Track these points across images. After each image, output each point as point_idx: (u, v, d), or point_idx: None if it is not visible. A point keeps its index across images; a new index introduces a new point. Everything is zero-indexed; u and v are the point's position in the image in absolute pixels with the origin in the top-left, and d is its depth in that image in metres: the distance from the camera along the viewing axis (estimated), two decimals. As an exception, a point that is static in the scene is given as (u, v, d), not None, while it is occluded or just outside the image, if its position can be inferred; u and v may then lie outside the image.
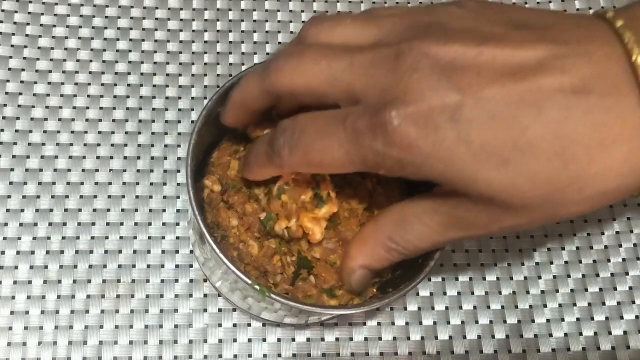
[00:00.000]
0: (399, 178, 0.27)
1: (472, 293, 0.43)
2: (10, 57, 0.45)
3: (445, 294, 0.43)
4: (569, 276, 0.44)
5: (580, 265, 0.44)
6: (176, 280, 0.41)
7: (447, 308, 0.43)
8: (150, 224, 0.42)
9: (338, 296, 0.34)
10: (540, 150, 0.24)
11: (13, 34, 0.46)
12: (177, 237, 0.42)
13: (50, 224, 0.41)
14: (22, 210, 0.42)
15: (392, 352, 0.41)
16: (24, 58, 0.45)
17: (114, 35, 0.47)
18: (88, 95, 0.45)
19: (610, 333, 0.43)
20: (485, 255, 0.44)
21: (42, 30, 0.46)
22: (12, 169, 0.42)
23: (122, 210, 0.42)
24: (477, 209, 0.27)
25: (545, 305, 0.43)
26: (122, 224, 0.42)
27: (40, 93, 0.44)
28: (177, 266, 0.42)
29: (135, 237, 0.42)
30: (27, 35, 0.46)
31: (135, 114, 0.45)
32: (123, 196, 0.43)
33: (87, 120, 0.44)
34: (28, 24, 0.46)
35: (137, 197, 0.43)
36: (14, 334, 0.39)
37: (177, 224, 0.43)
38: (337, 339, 0.41)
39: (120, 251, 0.42)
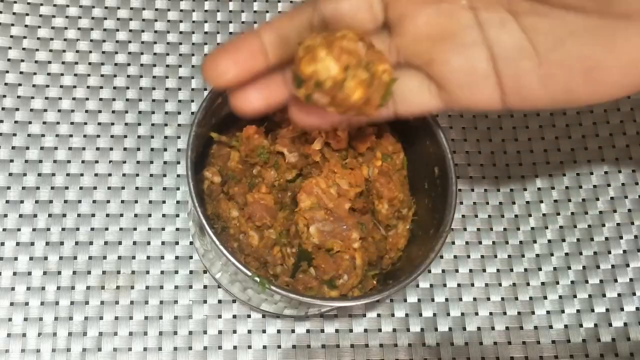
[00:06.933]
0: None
1: (473, 285, 0.43)
2: (10, 47, 0.45)
3: (445, 285, 0.43)
4: (569, 268, 0.44)
5: (581, 257, 0.44)
6: (176, 272, 0.41)
7: (447, 300, 0.43)
8: (150, 215, 0.42)
9: (339, 286, 0.34)
10: None
11: (12, 25, 0.45)
12: (177, 229, 0.42)
13: (50, 215, 0.41)
14: (22, 202, 0.42)
15: (391, 343, 0.41)
16: (23, 49, 0.45)
17: (113, 26, 0.46)
18: (88, 87, 0.45)
19: (610, 325, 0.43)
20: (485, 248, 0.44)
21: (41, 21, 0.46)
22: (11, 160, 0.42)
23: (122, 201, 0.42)
24: None
25: (545, 297, 0.43)
26: (122, 215, 0.42)
27: (40, 84, 0.44)
28: (177, 258, 0.42)
29: (135, 229, 0.42)
30: (26, 25, 0.46)
31: (135, 106, 0.45)
32: (123, 188, 0.43)
33: (86, 111, 0.44)
34: (27, 14, 0.46)
35: (137, 188, 0.43)
36: (14, 325, 0.39)
37: (177, 215, 0.43)
38: (336, 331, 0.41)
39: (120, 243, 0.41)
